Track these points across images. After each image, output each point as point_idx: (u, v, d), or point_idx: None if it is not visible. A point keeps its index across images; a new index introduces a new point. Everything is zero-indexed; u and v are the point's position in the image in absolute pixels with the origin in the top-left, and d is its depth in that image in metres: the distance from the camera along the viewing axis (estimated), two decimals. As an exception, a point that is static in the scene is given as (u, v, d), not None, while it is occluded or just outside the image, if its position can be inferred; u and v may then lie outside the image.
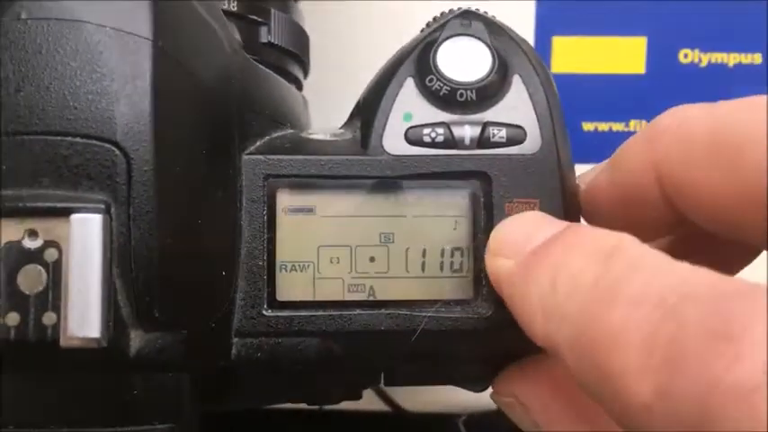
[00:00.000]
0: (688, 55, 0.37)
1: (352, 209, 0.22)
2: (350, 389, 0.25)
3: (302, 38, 0.28)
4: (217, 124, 0.21)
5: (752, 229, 0.18)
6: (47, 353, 0.18)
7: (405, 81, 0.23)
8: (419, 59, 0.23)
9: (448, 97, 0.22)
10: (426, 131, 0.22)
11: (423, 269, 0.22)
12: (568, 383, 0.21)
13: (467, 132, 0.22)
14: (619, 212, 0.21)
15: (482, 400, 0.24)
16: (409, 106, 0.23)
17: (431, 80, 0.23)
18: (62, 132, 0.18)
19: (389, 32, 0.24)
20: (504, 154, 0.22)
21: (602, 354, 0.15)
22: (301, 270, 0.22)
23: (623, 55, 0.37)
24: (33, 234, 0.18)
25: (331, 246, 0.22)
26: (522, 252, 0.19)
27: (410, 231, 0.22)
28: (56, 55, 0.19)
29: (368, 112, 0.23)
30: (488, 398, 0.24)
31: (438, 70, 0.23)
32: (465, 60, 0.23)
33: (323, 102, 0.30)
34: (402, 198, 0.22)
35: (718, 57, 0.37)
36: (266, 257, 0.22)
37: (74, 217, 0.18)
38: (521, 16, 0.38)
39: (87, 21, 0.19)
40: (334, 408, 0.28)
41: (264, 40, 0.26)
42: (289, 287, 0.22)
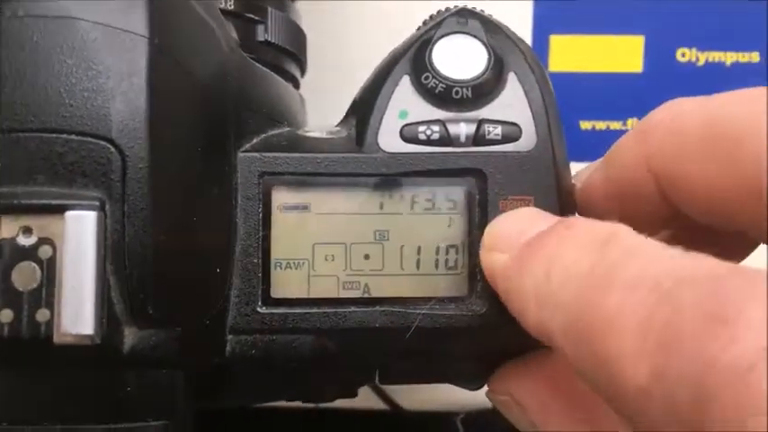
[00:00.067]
0: (685, 54, 0.37)
1: (347, 206, 0.22)
2: (345, 386, 0.25)
3: (299, 36, 0.28)
4: (212, 122, 0.21)
5: (749, 221, 0.18)
6: (40, 349, 0.18)
7: (400, 79, 0.23)
8: (415, 57, 0.23)
9: (443, 95, 0.22)
10: (422, 129, 0.22)
11: (417, 266, 0.22)
12: (565, 382, 0.21)
13: (462, 130, 0.22)
14: (614, 209, 0.21)
15: (480, 399, 0.24)
16: (405, 104, 0.23)
17: (426, 78, 0.23)
18: (57, 130, 0.19)
19: (386, 32, 0.24)
20: (499, 151, 0.22)
21: (597, 339, 0.15)
22: (296, 267, 0.22)
23: (621, 54, 0.37)
24: (28, 231, 0.18)
25: (326, 243, 0.22)
26: (517, 245, 0.19)
27: (405, 229, 0.22)
28: (52, 53, 0.19)
29: (364, 110, 0.23)
30: (486, 396, 0.24)
31: (434, 68, 0.23)
32: (461, 58, 0.23)
33: (320, 101, 0.30)
34: (397, 195, 0.22)
35: (715, 56, 0.37)
36: (261, 255, 0.22)
37: (68, 214, 0.18)
38: (518, 15, 0.38)
39: (83, 18, 0.19)
40: (331, 406, 0.28)
41: (261, 39, 0.26)
42: (283, 284, 0.22)
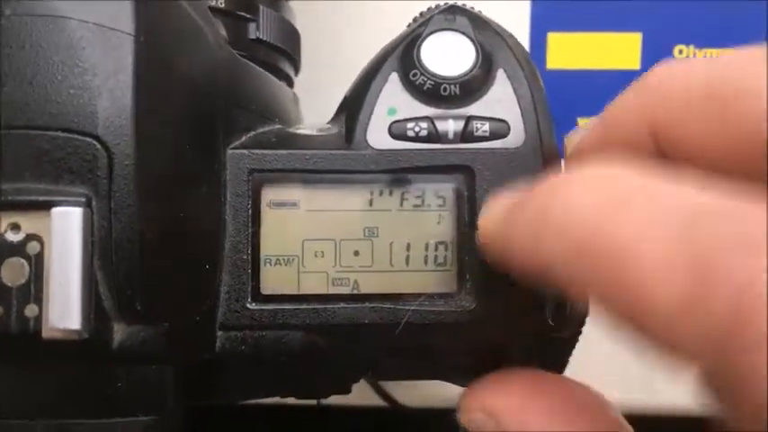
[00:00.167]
0: (683, 51, 0.37)
1: (336, 203, 0.22)
2: (337, 383, 0.25)
3: (292, 34, 0.28)
4: (200, 119, 0.21)
5: (749, 182, 0.17)
6: (29, 345, 0.18)
7: (389, 76, 0.23)
8: (403, 54, 0.23)
9: (432, 92, 0.22)
10: (410, 126, 0.22)
11: (407, 263, 0.22)
12: (545, 389, 0.20)
13: (450, 126, 0.22)
14: None
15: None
16: (393, 101, 0.23)
17: (415, 75, 0.23)
18: (44, 126, 0.19)
19: (383, 31, 0.24)
20: (487, 148, 0.22)
21: (613, 268, 0.14)
22: (286, 264, 0.22)
23: (618, 51, 0.37)
24: (16, 227, 0.19)
25: (315, 240, 0.22)
26: (510, 202, 0.18)
27: (394, 225, 0.22)
28: (39, 50, 0.19)
29: (353, 107, 0.23)
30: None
31: (422, 65, 0.23)
32: (449, 55, 0.23)
33: (316, 99, 0.30)
34: (386, 192, 0.22)
35: (713, 53, 0.37)
36: (251, 251, 0.22)
37: (55, 210, 0.18)
38: (516, 12, 0.38)
39: (70, 17, 0.19)
40: (330, 403, 0.28)
41: (253, 37, 0.26)
42: (273, 281, 0.22)
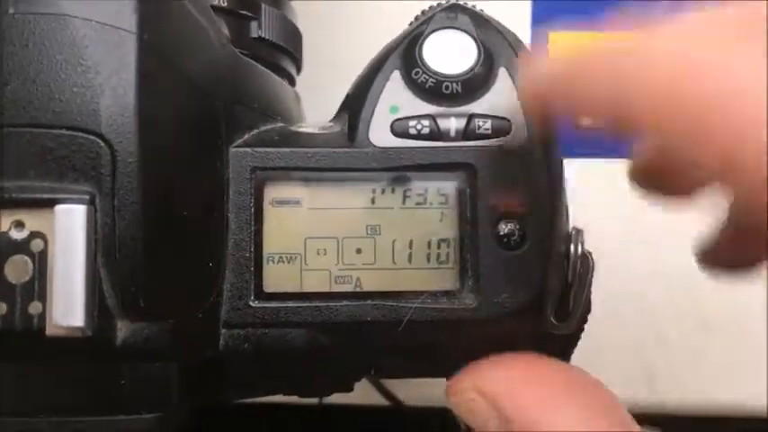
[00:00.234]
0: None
1: (338, 201, 0.22)
2: (339, 380, 0.25)
3: (294, 33, 0.29)
4: (203, 117, 0.21)
5: None
6: (33, 342, 0.18)
7: (391, 74, 0.23)
8: (405, 52, 0.23)
9: (434, 90, 0.23)
10: (412, 123, 0.23)
11: (409, 261, 0.22)
12: (547, 375, 0.20)
13: (452, 124, 0.22)
14: None
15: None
16: (395, 99, 0.23)
17: (417, 73, 0.23)
18: (47, 125, 0.19)
19: (385, 31, 0.24)
20: (489, 146, 0.22)
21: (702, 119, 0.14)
22: (288, 262, 0.22)
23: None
24: (20, 225, 0.19)
25: (318, 237, 0.22)
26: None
27: (397, 223, 0.22)
28: (42, 48, 0.19)
29: (355, 105, 0.23)
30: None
31: (424, 63, 0.23)
32: (451, 53, 0.23)
33: (318, 98, 0.30)
34: (388, 190, 0.23)
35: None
36: (253, 249, 0.22)
37: (58, 208, 0.18)
38: (517, 11, 0.38)
39: (73, 15, 0.19)
40: (333, 402, 0.28)
41: (255, 35, 0.26)
42: (276, 278, 0.22)
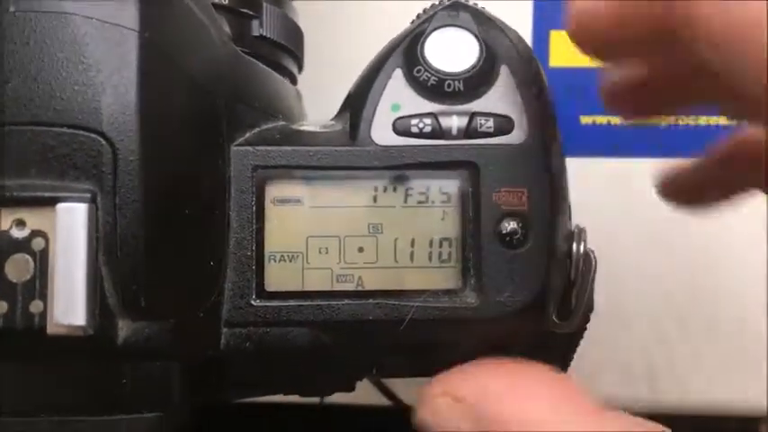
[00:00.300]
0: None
1: (340, 199, 0.22)
2: (341, 380, 0.25)
3: (295, 32, 0.28)
4: (204, 115, 0.21)
5: None
6: (34, 341, 0.18)
7: (393, 72, 0.23)
8: (407, 51, 0.23)
9: (435, 88, 0.22)
10: (414, 122, 0.22)
11: (411, 259, 0.22)
12: (525, 378, 0.20)
13: (454, 122, 0.22)
14: None
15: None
16: (397, 97, 0.23)
17: (419, 71, 0.23)
18: (49, 123, 0.19)
19: (387, 30, 0.24)
20: (491, 144, 0.22)
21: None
22: (290, 260, 0.22)
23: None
24: (21, 224, 0.19)
25: (320, 236, 0.22)
26: None
27: (399, 222, 0.22)
28: (43, 46, 0.19)
29: (357, 104, 0.23)
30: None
31: (426, 61, 0.23)
32: (452, 51, 0.23)
33: (320, 97, 0.30)
34: (390, 188, 0.22)
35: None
36: (255, 248, 0.22)
37: (60, 206, 0.18)
38: (518, 10, 0.38)
39: (74, 13, 0.19)
40: (334, 402, 0.28)
41: (256, 34, 0.26)
42: (277, 277, 0.22)
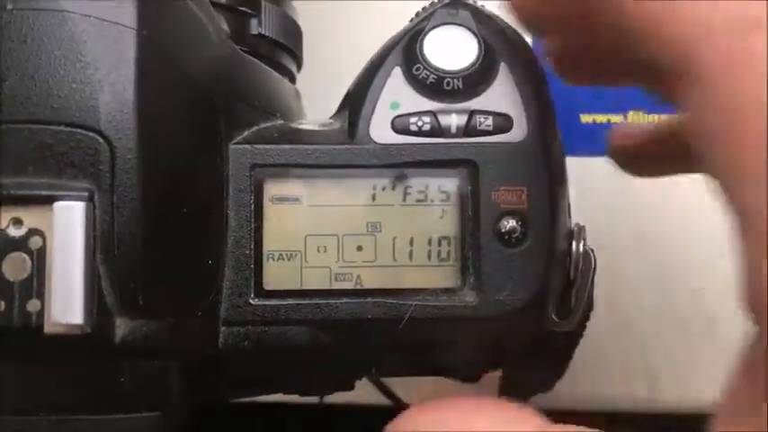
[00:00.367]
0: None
1: (338, 198, 0.22)
2: (340, 379, 0.25)
3: (294, 30, 0.28)
4: (202, 113, 0.21)
5: None
6: (32, 339, 0.18)
7: (392, 70, 0.23)
8: (406, 49, 0.23)
9: (435, 86, 0.22)
10: (413, 120, 0.22)
11: (410, 258, 0.22)
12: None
13: (453, 121, 0.22)
14: None
15: (481, 394, 0.24)
16: (396, 95, 0.23)
17: (418, 69, 0.23)
18: (46, 121, 0.19)
19: (384, 28, 0.24)
20: (490, 142, 0.22)
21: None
22: (288, 259, 0.22)
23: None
24: (18, 222, 0.19)
25: (318, 235, 0.22)
26: None
27: (397, 220, 0.22)
28: (40, 44, 0.19)
29: (356, 102, 0.23)
30: (489, 391, 0.23)
31: (425, 59, 0.23)
32: (452, 49, 0.23)
33: (319, 96, 0.30)
34: (389, 187, 0.22)
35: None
36: (253, 246, 0.22)
37: (57, 205, 0.18)
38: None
39: (72, 11, 0.19)
40: (334, 401, 0.28)
41: (255, 32, 0.26)
42: (276, 276, 0.22)
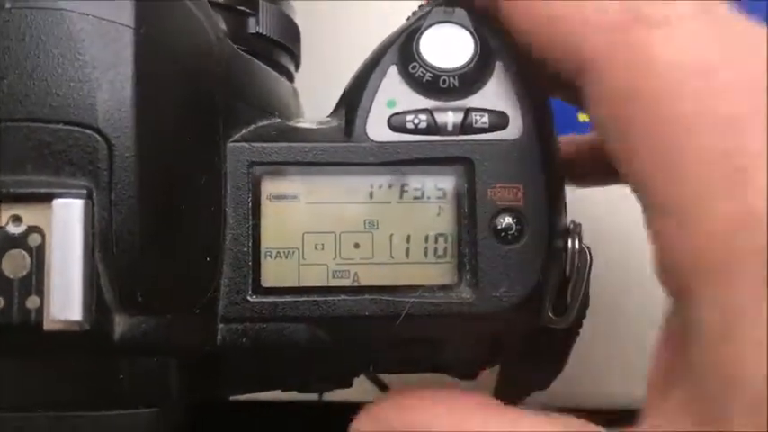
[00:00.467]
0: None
1: (336, 196, 0.22)
2: (338, 376, 0.25)
3: (292, 29, 0.28)
4: (200, 111, 0.21)
5: None
6: (31, 336, 0.18)
7: (388, 69, 0.23)
8: (402, 47, 0.23)
9: (431, 84, 0.23)
10: (409, 118, 0.23)
11: (407, 255, 0.22)
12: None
13: (449, 118, 0.22)
14: None
15: (480, 390, 0.24)
16: (393, 93, 0.23)
17: (414, 67, 0.23)
18: (45, 119, 0.19)
19: (383, 27, 0.25)
20: (486, 140, 0.22)
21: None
22: (286, 256, 0.22)
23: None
24: (17, 220, 0.19)
25: (315, 232, 0.22)
26: None
27: (394, 217, 0.22)
28: (39, 43, 0.19)
29: (352, 100, 0.23)
30: (486, 388, 0.23)
31: (421, 57, 0.23)
32: (448, 47, 0.23)
33: (318, 95, 0.30)
34: (386, 184, 0.23)
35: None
36: (251, 244, 0.22)
37: (56, 202, 0.18)
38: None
39: (70, 9, 0.19)
40: (332, 398, 0.28)
41: (253, 31, 0.26)
42: (273, 273, 0.22)
